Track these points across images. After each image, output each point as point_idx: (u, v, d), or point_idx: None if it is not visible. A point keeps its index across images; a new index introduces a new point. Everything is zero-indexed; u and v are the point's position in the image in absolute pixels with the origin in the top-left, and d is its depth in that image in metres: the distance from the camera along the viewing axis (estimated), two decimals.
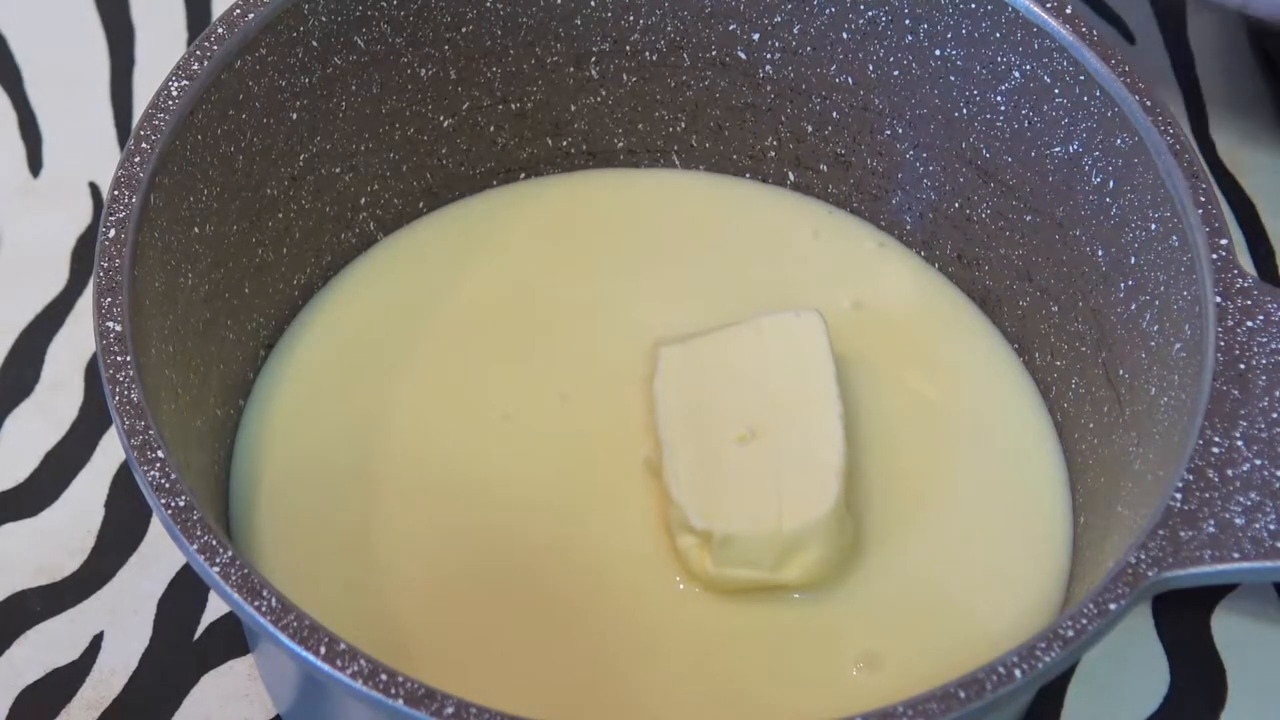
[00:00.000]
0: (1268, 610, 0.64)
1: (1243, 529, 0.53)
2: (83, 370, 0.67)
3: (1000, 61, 0.63)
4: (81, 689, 0.61)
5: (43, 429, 0.66)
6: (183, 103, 0.59)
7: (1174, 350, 0.58)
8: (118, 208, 0.57)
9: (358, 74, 0.64)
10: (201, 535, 0.52)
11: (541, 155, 0.69)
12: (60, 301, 0.68)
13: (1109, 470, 0.60)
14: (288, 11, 0.61)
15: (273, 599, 0.51)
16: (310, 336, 0.65)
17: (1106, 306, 0.62)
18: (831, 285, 0.67)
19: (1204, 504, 0.54)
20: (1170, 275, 0.59)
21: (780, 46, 0.66)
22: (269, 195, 0.63)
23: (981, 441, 0.64)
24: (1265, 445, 0.55)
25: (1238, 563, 0.53)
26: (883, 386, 0.64)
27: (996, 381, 0.65)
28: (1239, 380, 0.56)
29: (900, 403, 0.64)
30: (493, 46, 0.66)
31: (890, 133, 0.66)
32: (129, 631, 0.62)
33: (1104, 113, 0.60)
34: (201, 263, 0.61)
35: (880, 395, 0.64)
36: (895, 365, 0.65)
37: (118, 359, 0.55)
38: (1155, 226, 0.59)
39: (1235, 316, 0.56)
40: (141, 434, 0.54)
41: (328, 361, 0.64)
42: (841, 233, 0.68)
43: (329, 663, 0.51)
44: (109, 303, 0.56)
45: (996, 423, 0.64)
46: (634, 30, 0.66)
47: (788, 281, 0.67)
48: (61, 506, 0.65)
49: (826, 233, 0.68)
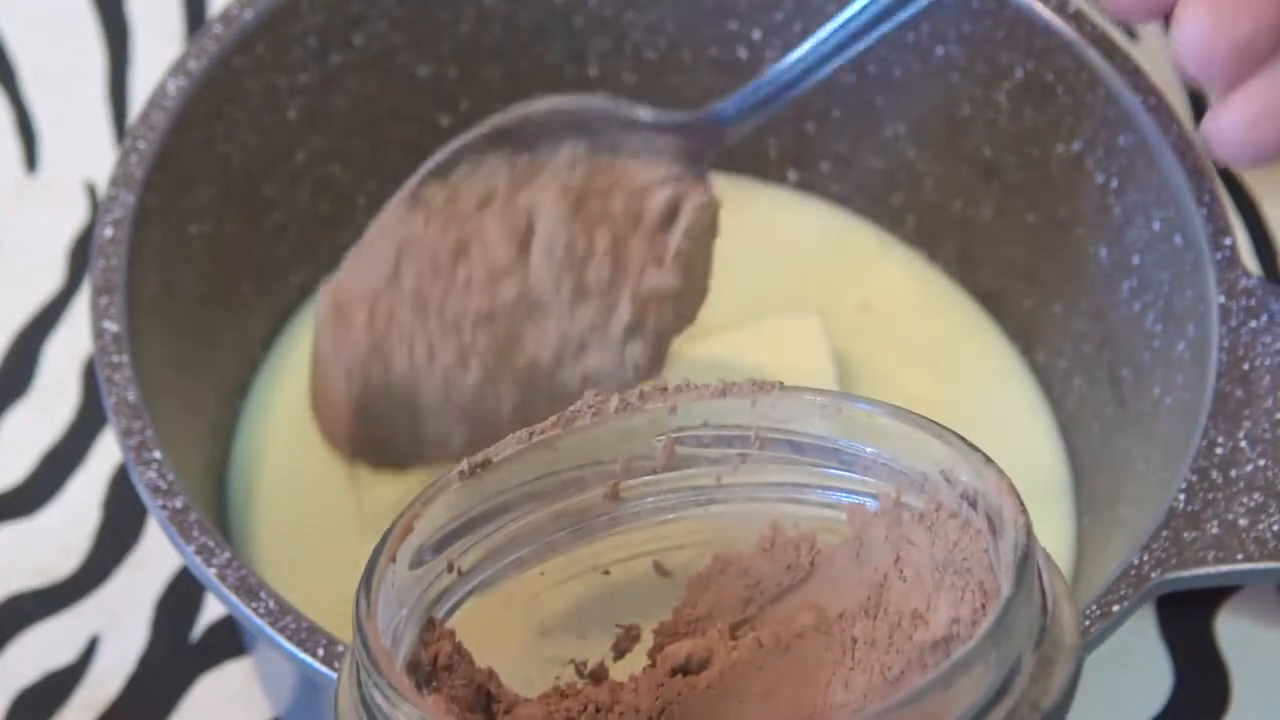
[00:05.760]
0: (1271, 612, 0.64)
1: (1246, 530, 0.53)
2: (79, 370, 0.67)
3: (1002, 60, 0.62)
4: (78, 691, 0.61)
5: (39, 429, 0.66)
6: (180, 101, 0.59)
7: (1177, 350, 0.58)
8: (114, 207, 0.57)
9: (356, 72, 0.64)
10: (199, 536, 0.52)
11: None
12: (57, 301, 0.68)
13: (1112, 471, 0.60)
14: (285, 9, 0.61)
15: (270, 601, 0.51)
16: (308, 336, 0.65)
17: (1109, 306, 0.61)
18: (833, 285, 0.67)
19: (1207, 505, 0.54)
20: (1174, 275, 0.58)
21: (781, 45, 0.66)
22: (266, 194, 0.63)
23: (983, 442, 0.63)
24: (1269, 446, 0.54)
25: (1241, 564, 0.53)
26: (884, 387, 0.64)
27: (999, 382, 0.65)
28: (1243, 380, 0.55)
29: (901, 403, 0.64)
30: (492, 45, 0.66)
31: (892, 132, 0.66)
32: (126, 633, 0.62)
33: (1107, 111, 0.60)
34: (198, 262, 0.61)
35: (881, 395, 0.63)
36: (896, 365, 0.65)
37: (114, 359, 0.55)
38: (1158, 226, 0.59)
39: (1239, 316, 0.56)
40: (138, 435, 0.54)
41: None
42: (843, 232, 0.68)
43: (327, 665, 0.50)
44: (105, 302, 0.56)
45: (999, 423, 0.64)
46: (634, 29, 0.66)
47: (788, 282, 0.67)
48: (58, 507, 0.64)
49: (828, 232, 0.68)
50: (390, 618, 0.42)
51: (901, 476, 0.44)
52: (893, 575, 0.44)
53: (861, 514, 0.44)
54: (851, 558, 0.45)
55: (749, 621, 0.46)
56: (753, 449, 0.45)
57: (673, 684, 0.44)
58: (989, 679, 0.39)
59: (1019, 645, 0.39)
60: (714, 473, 0.46)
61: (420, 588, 0.44)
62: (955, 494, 0.43)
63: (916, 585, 0.43)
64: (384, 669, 0.40)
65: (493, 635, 0.45)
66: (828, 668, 0.44)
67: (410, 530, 0.43)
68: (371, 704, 0.40)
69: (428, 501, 0.44)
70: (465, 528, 0.45)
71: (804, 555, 0.45)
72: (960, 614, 0.42)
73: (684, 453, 0.46)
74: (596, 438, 0.45)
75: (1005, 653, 0.39)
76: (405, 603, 0.43)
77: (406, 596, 0.43)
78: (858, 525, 0.45)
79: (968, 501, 0.42)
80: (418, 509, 0.43)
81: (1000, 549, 0.41)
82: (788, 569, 0.45)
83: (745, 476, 0.45)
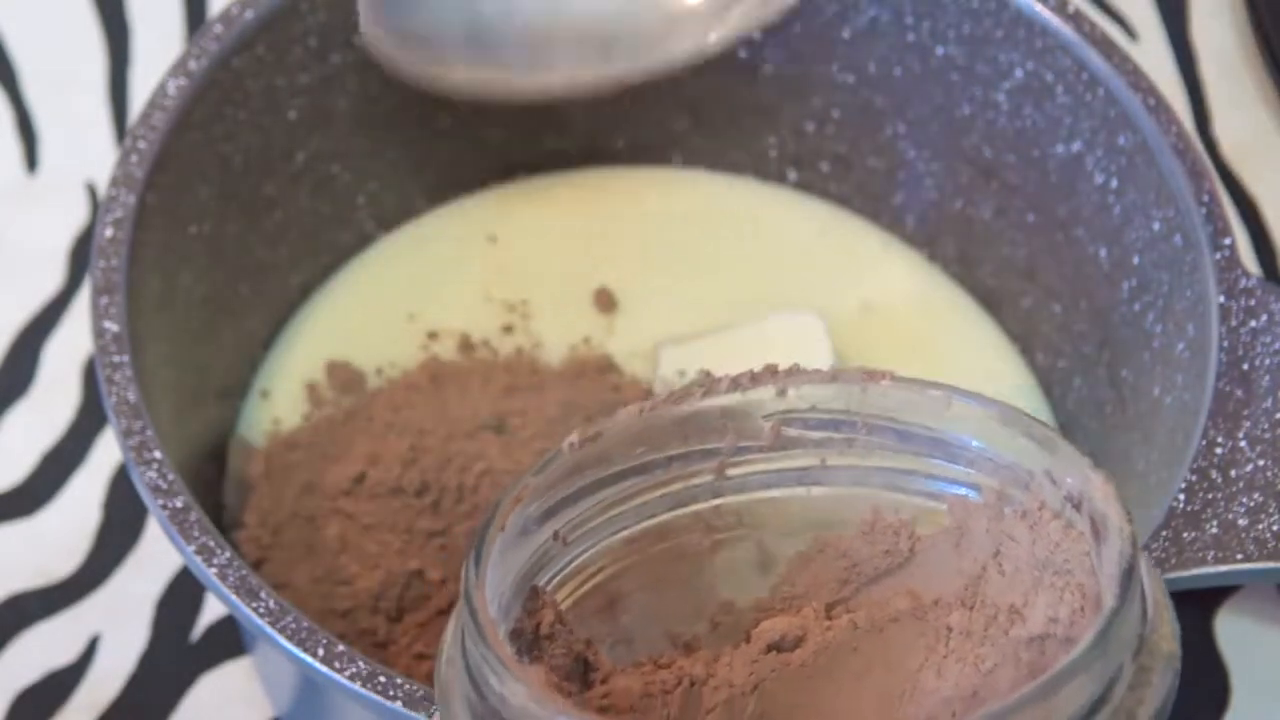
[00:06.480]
0: (1271, 611, 0.64)
1: (1246, 530, 0.53)
2: (79, 370, 0.67)
3: (1002, 60, 0.62)
4: (78, 691, 0.61)
5: (39, 430, 0.66)
6: (180, 101, 0.59)
7: (1177, 350, 0.58)
8: (114, 207, 0.57)
9: (356, 72, 0.64)
10: (199, 536, 0.52)
11: (541, 155, 0.69)
12: (57, 301, 0.68)
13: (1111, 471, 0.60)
14: (286, 9, 0.61)
15: (270, 601, 0.51)
16: (308, 336, 0.65)
17: (1109, 306, 0.61)
18: (833, 285, 0.67)
19: (1207, 505, 0.54)
20: (1173, 275, 0.58)
21: (781, 45, 0.66)
22: (266, 194, 0.63)
23: None
24: (1269, 446, 0.54)
25: (1241, 564, 0.53)
26: None
27: (999, 382, 0.65)
28: (1242, 380, 0.55)
29: None
30: None
31: (892, 132, 0.66)
32: (126, 633, 0.62)
33: (1106, 111, 0.60)
34: (199, 262, 0.61)
35: None
36: (896, 365, 0.64)
37: (114, 359, 0.55)
38: (1158, 226, 0.59)
39: (1239, 316, 0.56)
40: (139, 435, 0.54)
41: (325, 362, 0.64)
42: (843, 232, 0.68)
43: (327, 665, 0.50)
44: (106, 303, 0.56)
45: None
46: None
47: (788, 282, 0.67)
48: (58, 507, 0.64)
49: (827, 232, 0.68)
50: (497, 586, 0.43)
51: (1005, 472, 0.44)
52: (991, 568, 0.44)
53: (963, 505, 0.45)
54: (950, 548, 0.45)
55: (844, 603, 0.46)
56: (859, 434, 0.46)
57: (766, 660, 0.45)
58: (1090, 688, 0.39)
59: (1120, 654, 0.40)
60: (819, 455, 0.47)
61: (526, 557, 0.44)
62: (1059, 495, 0.43)
63: (1015, 580, 0.44)
64: (491, 640, 0.41)
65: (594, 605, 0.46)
66: (920, 654, 0.45)
67: (521, 499, 0.44)
68: (477, 673, 0.41)
69: (538, 471, 0.44)
70: (572, 498, 0.46)
71: (903, 541, 0.46)
72: (1059, 614, 0.42)
73: (790, 434, 0.46)
74: (706, 416, 0.46)
75: (1108, 662, 0.40)
76: (511, 571, 0.44)
77: (513, 565, 0.44)
78: (959, 516, 0.45)
79: (1071, 504, 0.43)
80: (529, 478, 0.44)
81: (1103, 555, 0.41)
82: (886, 554, 0.46)
83: (850, 460, 0.46)
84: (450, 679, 0.42)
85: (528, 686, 0.40)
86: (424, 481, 0.60)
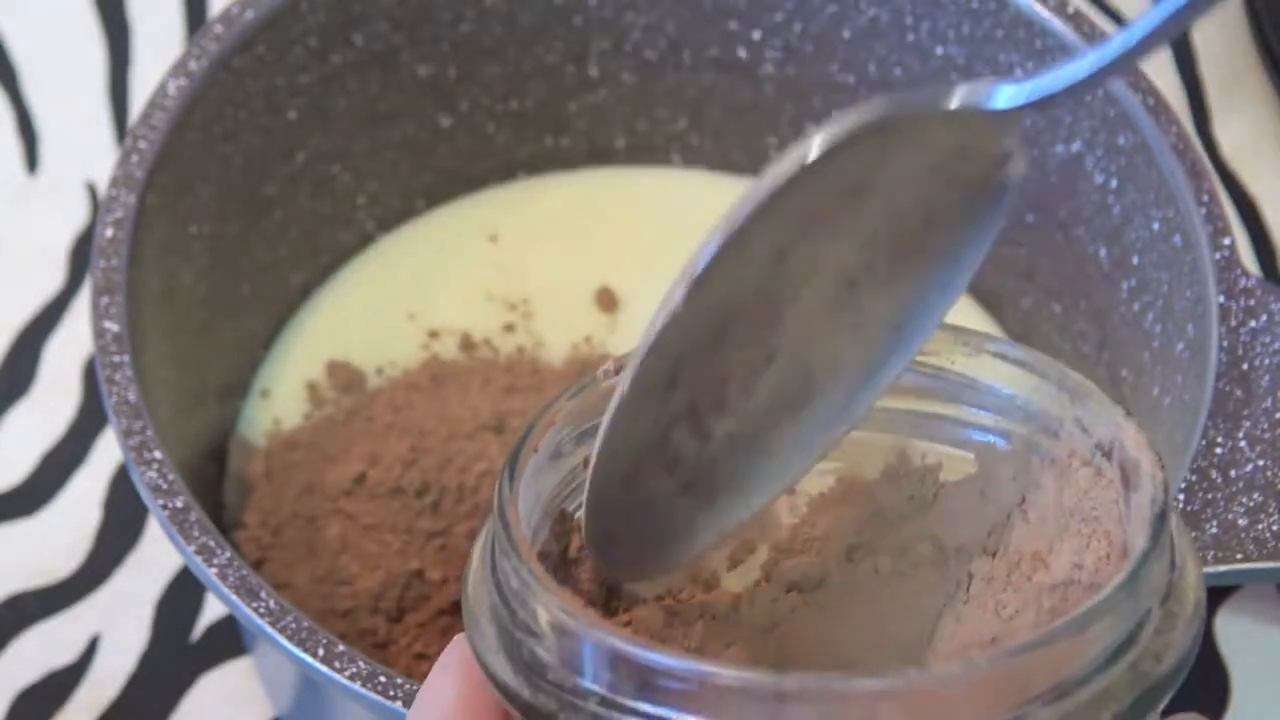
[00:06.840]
0: (1271, 611, 0.64)
1: (1245, 530, 0.53)
2: (80, 370, 0.67)
3: (1002, 60, 0.62)
4: (79, 691, 0.61)
5: (40, 429, 0.66)
6: (180, 101, 0.59)
7: (1177, 350, 0.58)
8: (115, 207, 0.57)
9: (356, 72, 0.64)
10: (199, 536, 0.52)
11: (541, 155, 0.69)
12: (57, 301, 0.68)
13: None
14: (286, 9, 0.61)
15: (270, 600, 0.51)
16: (308, 336, 0.65)
17: (1109, 306, 0.61)
18: None
19: (1207, 505, 0.54)
20: (1173, 275, 0.58)
21: (781, 45, 0.66)
22: (267, 194, 0.63)
23: None
24: (1268, 446, 0.54)
25: (1240, 564, 0.53)
26: None
27: None
28: (1242, 380, 0.55)
29: None
30: (492, 45, 0.66)
31: None
32: (127, 633, 0.62)
33: (1106, 111, 0.60)
34: (199, 262, 0.61)
35: None
36: None
37: (115, 359, 0.55)
38: (1158, 226, 0.59)
39: (1239, 316, 0.56)
40: (139, 434, 0.54)
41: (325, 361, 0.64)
42: None
43: (327, 665, 0.50)
44: (106, 302, 0.56)
45: None
46: (634, 29, 0.66)
47: None
48: (58, 507, 0.64)
49: None
50: (528, 507, 0.42)
51: (1035, 420, 0.44)
52: (1016, 516, 0.44)
53: (991, 452, 0.44)
54: (975, 495, 0.45)
55: (865, 546, 0.46)
56: None
57: (786, 600, 0.44)
58: (1119, 629, 0.39)
59: (1150, 598, 0.40)
60: None
61: (556, 481, 0.44)
62: (1090, 443, 0.43)
63: (1040, 528, 0.43)
64: (525, 554, 0.40)
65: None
66: (940, 599, 0.44)
67: (554, 422, 0.43)
68: (506, 588, 0.40)
69: (573, 395, 0.44)
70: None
71: (928, 487, 0.45)
72: (1084, 560, 0.42)
73: None
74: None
75: (1137, 604, 0.39)
76: (542, 494, 0.43)
77: (544, 487, 0.43)
78: (985, 463, 0.45)
79: (1102, 452, 0.42)
80: (563, 400, 0.43)
81: (1133, 502, 0.41)
82: (910, 499, 0.45)
83: (878, 403, 0.45)
84: (478, 598, 0.42)
85: (561, 599, 0.40)
86: (424, 482, 0.60)
